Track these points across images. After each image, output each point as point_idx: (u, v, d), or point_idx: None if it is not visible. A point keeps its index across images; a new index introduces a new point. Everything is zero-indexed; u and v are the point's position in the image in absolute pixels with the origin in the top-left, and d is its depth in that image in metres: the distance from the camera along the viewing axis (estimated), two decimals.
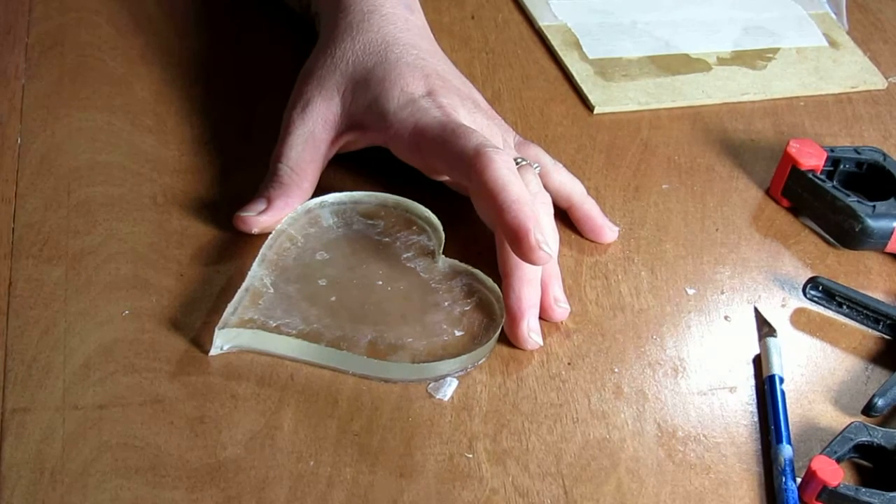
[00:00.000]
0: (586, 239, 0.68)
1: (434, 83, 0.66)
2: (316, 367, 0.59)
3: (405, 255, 0.63)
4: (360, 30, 0.68)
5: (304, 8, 0.77)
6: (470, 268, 0.63)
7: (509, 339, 0.61)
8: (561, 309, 0.63)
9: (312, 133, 0.66)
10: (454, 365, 0.59)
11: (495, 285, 0.62)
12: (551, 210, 0.65)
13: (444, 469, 0.55)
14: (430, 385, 0.59)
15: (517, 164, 0.63)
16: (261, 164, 0.67)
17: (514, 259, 0.60)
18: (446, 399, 0.58)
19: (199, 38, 0.78)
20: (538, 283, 0.62)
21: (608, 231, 0.68)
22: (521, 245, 0.58)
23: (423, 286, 0.62)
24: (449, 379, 0.59)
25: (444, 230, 0.64)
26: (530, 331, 0.61)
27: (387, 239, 0.64)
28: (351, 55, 0.67)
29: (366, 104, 0.65)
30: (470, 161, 0.59)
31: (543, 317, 0.63)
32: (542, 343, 0.61)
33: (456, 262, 0.63)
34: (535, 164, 0.66)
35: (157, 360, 0.58)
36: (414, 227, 0.65)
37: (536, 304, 0.62)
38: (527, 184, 0.63)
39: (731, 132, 0.78)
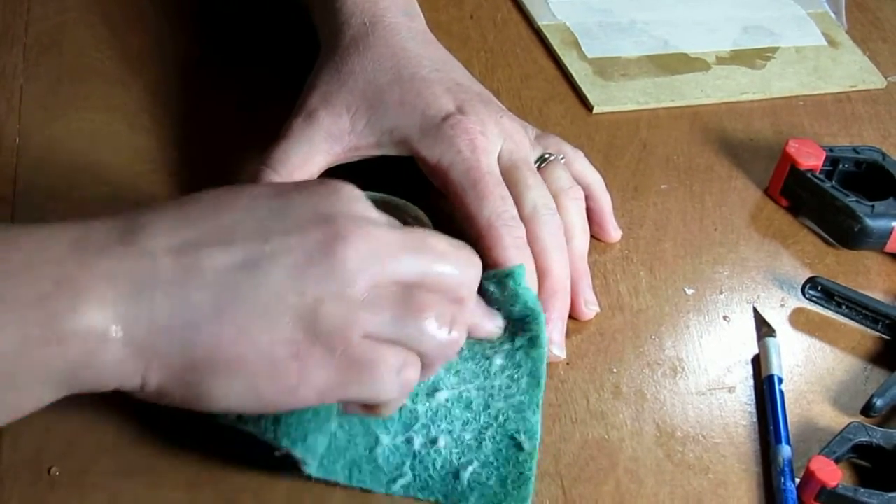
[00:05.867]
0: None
1: (458, 96, 0.65)
2: None
3: None
4: (366, 44, 0.66)
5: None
6: None
7: None
8: (590, 310, 0.63)
9: (311, 142, 0.64)
10: None
11: None
12: (583, 205, 0.65)
13: None
14: None
15: (544, 160, 0.65)
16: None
17: (541, 268, 0.60)
18: None
19: (198, 38, 0.78)
20: (567, 292, 0.61)
21: (613, 230, 0.68)
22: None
23: None
24: None
25: (434, 227, 0.64)
26: (552, 344, 0.60)
27: None
28: (360, 71, 0.65)
29: (384, 128, 0.64)
30: (480, 232, 0.60)
31: (573, 316, 0.63)
32: (563, 356, 0.61)
33: None
34: (561, 156, 0.66)
35: None
36: (404, 225, 0.64)
37: (564, 315, 0.61)
38: (556, 179, 0.64)
39: (730, 132, 0.78)
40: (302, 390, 0.47)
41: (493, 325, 0.56)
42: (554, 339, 0.60)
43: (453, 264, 0.51)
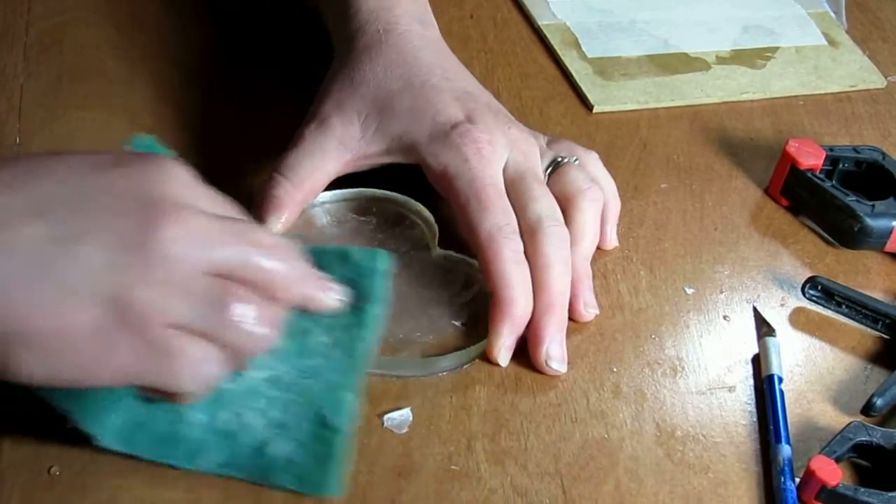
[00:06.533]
0: None
1: (467, 105, 0.65)
2: None
3: (401, 250, 0.63)
4: (378, 51, 0.66)
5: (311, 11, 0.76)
6: (466, 258, 0.63)
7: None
8: (589, 313, 0.63)
9: (323, 150, 0.63)
10: (462, 357, 0.59)
11: None
12: (600, 206, 0.65)
13: (442, 468, 0.55)
14: (387, 416, 0.57)
15: (558, 163, 0.65)
16: (260, 166, 0.67)
17: (539, 283, 0.60)
18: (402, 432, 0.57)
19: (199, 38, 0.78)
20: (565, 307, 0.61)
21: (609, 240, 0.68)
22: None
23: (422, 280, 0.62)
24: (406, 411, 0.58)
25: (437, 222, 0.64)
26: (549, 359, 0.60)
27: (381, 235, 0.64)
28: (371, 78, 0.65)
29: (393, 134, 0.64)
30: (480, 244, 0.60)
31: (572, 318, 0.62)
32: (563, 370, 0.61)
33: (451, 253, 0.63)
34: (574, 158, 0.66)
35: None
36: (406, 222, 0.65)
37: (561, 329, 0.61)
38: (573, 180, 0.64)
39: (730, 131, 0.78)
40: (99, 372, 0.47)
41: (329, 298, 0.53)
42: (552, 353, 0.60)
43: (273, 259, 0.50)
